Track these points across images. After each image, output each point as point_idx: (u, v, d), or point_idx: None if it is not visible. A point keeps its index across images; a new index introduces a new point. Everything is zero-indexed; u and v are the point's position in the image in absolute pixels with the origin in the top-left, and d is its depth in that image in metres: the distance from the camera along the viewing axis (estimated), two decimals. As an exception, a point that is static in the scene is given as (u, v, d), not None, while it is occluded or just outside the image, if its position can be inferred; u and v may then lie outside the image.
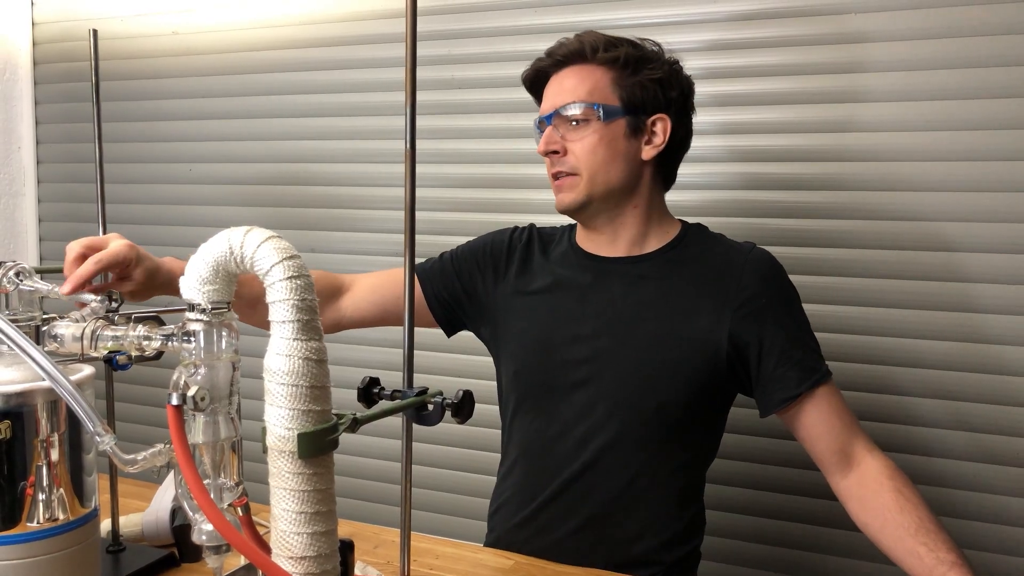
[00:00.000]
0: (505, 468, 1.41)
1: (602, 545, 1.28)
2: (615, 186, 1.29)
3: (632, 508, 1.27)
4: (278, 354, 0.65)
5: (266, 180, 2.20)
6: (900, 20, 1.59)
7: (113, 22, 2.34)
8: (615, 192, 1.30)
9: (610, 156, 1.28)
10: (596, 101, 1.27)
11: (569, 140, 1.29)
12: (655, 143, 1.30)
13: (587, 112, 1.27)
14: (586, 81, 1.29)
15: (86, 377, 0.82)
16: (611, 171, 1.28)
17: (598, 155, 1.27)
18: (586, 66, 1.30)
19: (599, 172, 1.28)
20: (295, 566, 0.66)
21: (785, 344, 1.24)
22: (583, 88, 1.28)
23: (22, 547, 0.78)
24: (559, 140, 1.29)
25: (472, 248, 1.47)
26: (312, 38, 2.12)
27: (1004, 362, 1.57)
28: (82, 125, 2.44)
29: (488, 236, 1.48)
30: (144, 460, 0.68)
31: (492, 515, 1.43)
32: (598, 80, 1.29)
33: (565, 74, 1.31)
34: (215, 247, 0.67)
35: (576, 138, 1.28)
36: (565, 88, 1.30)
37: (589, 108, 1.27)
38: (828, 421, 1.23)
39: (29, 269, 0.85)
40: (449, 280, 1.45)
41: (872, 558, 1.65)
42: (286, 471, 0.65)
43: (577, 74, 1.30)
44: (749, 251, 1.31)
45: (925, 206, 1.61)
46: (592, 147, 1.27)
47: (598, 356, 1.28)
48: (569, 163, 1.29)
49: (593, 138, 1.27)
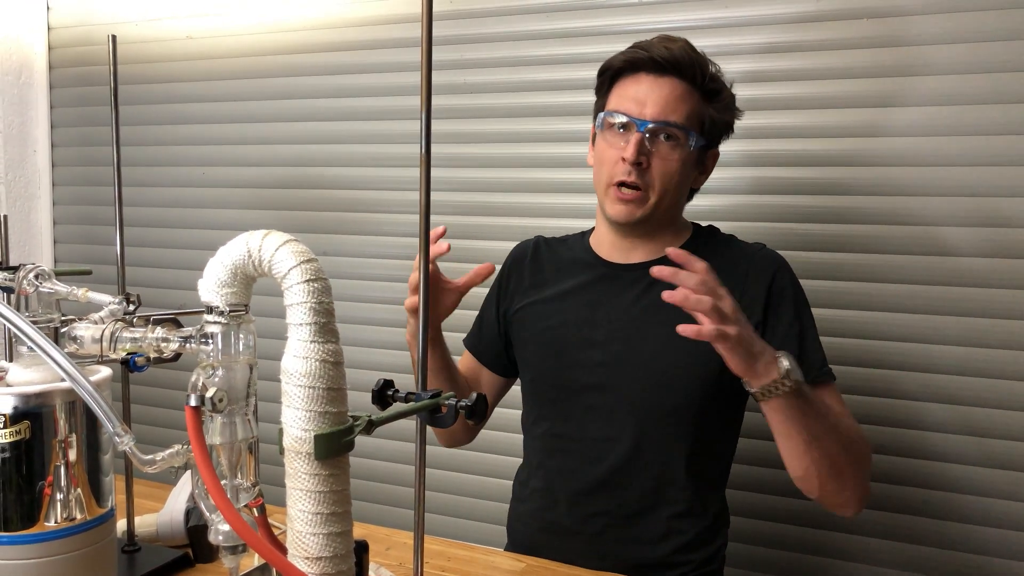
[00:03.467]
0: (525, 473, 1.42)
1: (626, 548, 1.28)
2: (672, 208, 1.32)
3: (654, 509, 1.28)
4: (295, 356, 0.65)
5: (280, 183, 2.21)
6: (923, 24, 1.58)
7: (128, 26, 2.36)
8: (668, 213, 1.32)
9: (681, 182, 1.30)
10: (693, 128, 1.27)
11: (656, 155, 1.26)
12: (706, 173, 1.35)
13: (682, 136, 1.26)
14: (688, 102, 1.27)
15: (104, 379, 0.83)
16: (676, 193, 1.30)
17: (675, 180, 1.28)
18: (690, 85, 1.27)
19: (668, 195, 1.29)
20: (311, 566, 0.66)
21: (784, 343, 1.23)
22: (684, 108, 1.26)
23: (39, 546, 0.79)
24: (647, 152, 1.26)
25: (490, 297, 1.49)
26: (326, 42, 2.13)
27: (1019, 367, 1.56)
28: (97, 129, 2.46)
29: (498, 272, 1.49)
30: (163, 460, 0.68)
31: (512, 519, 1.43)
32: (696, 106, 1.28)
33: (668, 83, 1.27)
34: (233, 250, 0.68)
35: (664, 156, 1.26)
36: (668, 101, 1.26)
37: (685, 134, 1.26)
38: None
39: (48, 271, 0.86)
40: (495, 343, 1.46)
41: (901, 566, 1.65)
42: (302, 472, 0.66)
43: (681, 90, 1.27)
44: (757, 252, 1.32)
45: (939, 211, 1.60)
46: (674, 171, 1.27)
47: (612, 361, 1.29)
48: (647, 179, 1.27)
49: (677, 163, 1.27)
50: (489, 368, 1.47)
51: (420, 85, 0.74)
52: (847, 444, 1.15)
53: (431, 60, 0.73)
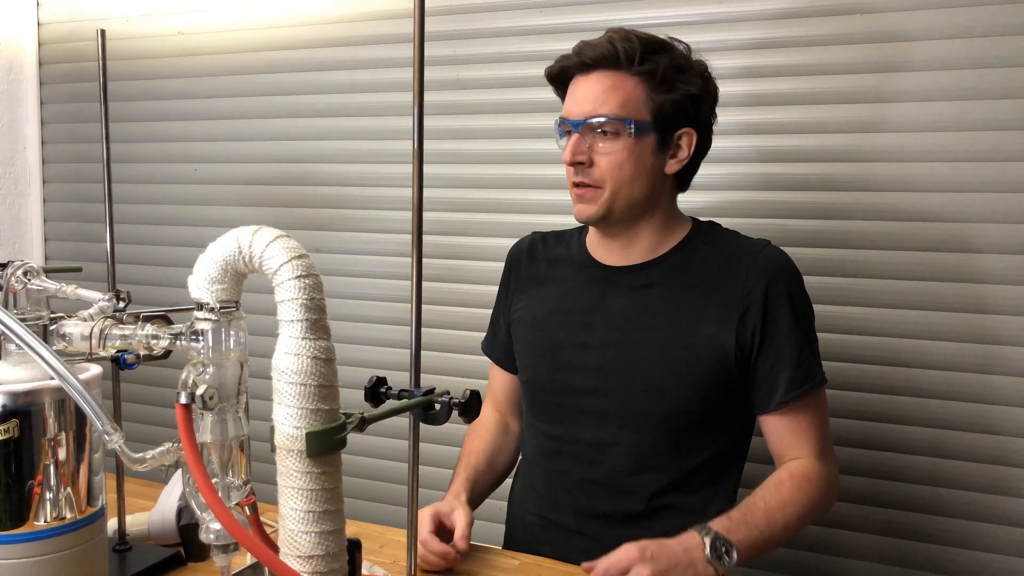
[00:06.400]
0: (525, 470, 1.42)
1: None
2: (637, 201, 1.27)
3: (657, 512, 1.28)
4: (286, 353, 0.65)
5: (272, 180, 2.20)
6: (924, 19, 1.57)
7: (119, 22, 2.34)
8: (636, 206, 1.27)
9: (636, 172, 1.24)
10: (628, 116, 1.22)
11: (596, 152, 1.24)
12: (679, 157, 1.28)
13: (618, 127, 1.22)
14: (618, 91, 1.23)
15: (94, 376, 0.82)
16: (635, 187, 1.25)
17: (625, 171, 1.23)
18: (619, 73, 1.23)
19: (623, 188, 1.25)
20: (303, 565, 0.66)
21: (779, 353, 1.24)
22: (615, 99, 1.23)
23: (29, 545, 0.78)
24: (586, 151, 1.24)
25: (498, 301, 1.49)
26: (317, 38, 2.12)
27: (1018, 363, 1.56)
28: (87, 125, 2.44)
29: (501, 276, 1.49)
30: (153, 459, 0.68)
31: (512, 516, 1.43)
32: (630, 92, 1.23)
33: (596, 78, 1.25)
34: (224, 246, 0.67)
35: (604, 151, 1.24)
36: (595, 95, 1.24)
37: (620, 123, 1.22)
38: (794, 432, 1.26)
39: (37, 268, 0.85)
40: (509, 345, 1.44)
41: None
42: (294, 470, 0.65)
43: (609, 81, 1.24)
44: (760, 251, 1.28)
45: (947, 207, 1.58)
46: (620, 163, 1.23)
47: (607, 366, 1.28)
48: (594, 176, 1.25)
49: (622, 154, 1.23)
50: (509, 371, 1.46)
51: (412, 81, 0.73)
52: (804, 519, 1.22)
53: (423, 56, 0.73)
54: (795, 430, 1.25)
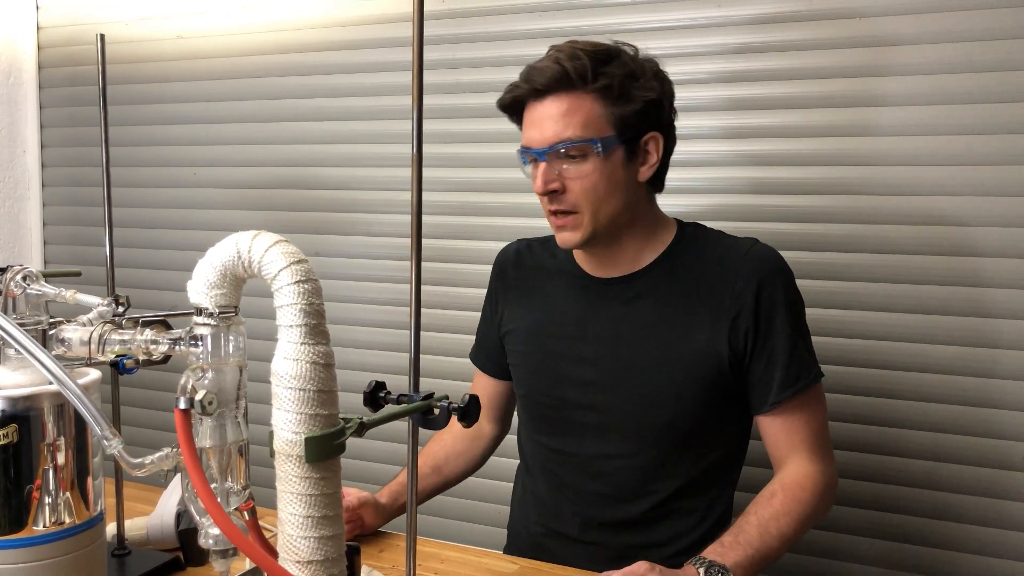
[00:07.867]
0: (527, 477, 1.42)
1: (636, 553, 1.26)
2: (617, 215, 1.24)
3: (660, 521, 1.28)
4: (285, 358, 0.65)
5: (271, 184, 2.20)
6: (911, 24, 1.58)
7: (118, 26, 2.34)
8: (617, 220, 1.25)
9: (610, 189, 1.22)
10: (593, 136, 1.19)
11: (567, 177, 1.21)
12: (650, 162, 1.25)
13: (584, 148, 1.19)
14: (577, 113, 1.19)
15: (92, 381, 0.82)
16: (612, 203, 1.23)
17: (599, 191, 1.21)
18: (573, 94, 1.20)
19: (601, 207, 1.22)
20: (302, 570, 0.66)
21: (774, 353, 1.23)
22: (576, 121, 1.19)
23: (28, 551, 0.78)
24: (556, 178, 1.21)
25: (484, 313, 1.48)
26: (316, 42, 2.12)
27: (1014, 366, 1.56)
28: (86, 129, 2.44)
29: (488, 286, 1.48)
30: (151, 464, 0.68)
31: (515, 522, 1.44)
32: (589, 111, 1.19)
33: (551, 103, 1.21)
34: (223, 251, 0.67)
35: (575, 175, 1.21)
36: (555, 121, 1.20)
37: (587, 145, 1.19)
38: (789, 432, 1.25)
39: (36, 273, 0.85)
40: (499, 355, 1.44)
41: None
42: (293, 475, 0.65)
43: (566, 104, 1.20)
44: (747, 250, 1.27)
45: (935, 210, 1.59)
46: (593, 185, 1.20)
47: (602, 380, 1.28)
48: (569, 201, 1.22)
49: (594, 175, 1.20)
50: (499, 378, 1.46)
51: (412, 85, 0.73)
52: (801, 527, 1.21)
53: (423, 60, 0.73)
54: (791, 430, 1.25)
